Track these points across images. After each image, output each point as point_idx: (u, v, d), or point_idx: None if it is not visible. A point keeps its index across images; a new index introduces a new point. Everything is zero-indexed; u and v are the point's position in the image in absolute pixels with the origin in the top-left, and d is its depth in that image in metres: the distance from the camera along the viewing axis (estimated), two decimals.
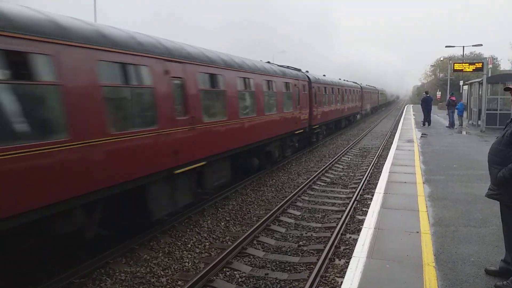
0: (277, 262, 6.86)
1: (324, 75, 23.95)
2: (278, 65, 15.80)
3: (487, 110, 20.37)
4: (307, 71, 19.72)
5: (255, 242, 7.75)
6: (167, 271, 6.58)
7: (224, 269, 6.57)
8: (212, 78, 9.47)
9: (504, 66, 60.30)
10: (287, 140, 15.68)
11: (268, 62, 14.76)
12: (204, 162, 8.75)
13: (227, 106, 10.05)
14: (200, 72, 8.73)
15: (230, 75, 10.29)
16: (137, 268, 6.64)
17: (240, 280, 6.27)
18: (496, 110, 21.24)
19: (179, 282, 6.18)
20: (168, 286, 6.09)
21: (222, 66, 9.84)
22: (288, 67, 17.15)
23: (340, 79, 29.48)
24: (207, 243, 7.79)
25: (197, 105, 8.48)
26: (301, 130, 16.98)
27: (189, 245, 7.65)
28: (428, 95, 25.04)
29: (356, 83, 35.72)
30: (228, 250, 6.97)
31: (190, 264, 6.86)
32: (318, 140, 21.02)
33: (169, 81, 7.54)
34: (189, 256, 7.18)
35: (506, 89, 4.42)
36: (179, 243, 7.73)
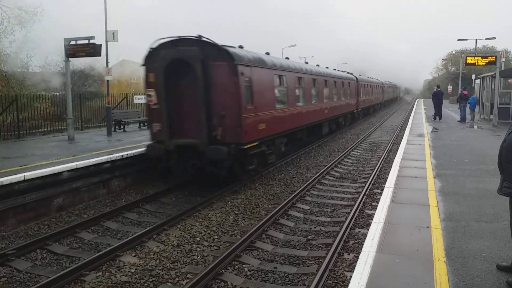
0: (286, 256, 6.86)
1: (359, 75, 33.00)
2: (338, 70, 26.45)
3: (499, 104, 20.05)
4: (350, 73, 29.42)
5: (263, 236, 7.75)
6: (176, 264, 6.61)
7: (233, 263, 6.58)
8: (316, 81, 18.09)
9: None
10: (347, 116, 26.52)
11: (306, 62, 20.13)
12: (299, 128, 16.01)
13: (318, 95, 18.30)
14: (310, 78, 17.27)
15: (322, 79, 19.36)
16: (146, 261, 6.69)
17: (248, 273, 6.27)
18: (509, 104, 20.91)
19: (188, 275, 6.20)
20: (177, 279, 6.12)
21: (320, 75, 19.10)
22: (343, 71, 27.62)
23: (368, 77, 39.31)
24: (216, 237, 7.81)
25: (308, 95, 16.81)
26: (351, 111, 27.34)
27: (198, 238, 7.68)
28: (439, 89, 24.75)
29: (378, 80, 45.09)
30: (237, 243, 6.97)
31: (199, 257, 6.88)
32: (359, 118, 31.84)
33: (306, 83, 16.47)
34: (198, 249, 7.21)
35: None
36: (188, 236, 7.76)
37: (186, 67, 9.84)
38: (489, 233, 5.32)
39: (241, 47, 11.48)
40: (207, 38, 10.14)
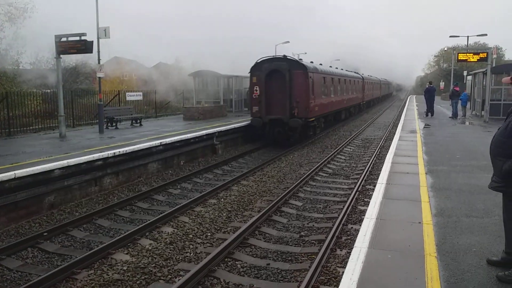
0: (279, 252, 6.87)
1: (367, 74, 42.28)
2: (348, 70, 32.27)
3: (490, 100, 20.19)
4: (357, 72, 36.64)
5: (256, 232, 7.76)
6: (169, 261, 6.60)
7: (226, 259, 6.58)
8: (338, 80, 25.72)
9: (509, 56, 59.69)
10: (356, 107, 33.54)
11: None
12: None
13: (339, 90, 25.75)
14: (334, 78, 24.34)
15: (342, 79, 27.33)
16: (138, 259, 6.66)
17: (241, 270, 6.28)
18: (500, 100, 21.07)
19: (181, 272, 6.19)
20: (170, 276, 6.11)
21: (342, 76, 27.29)
22: (351, 71, 33.91)
23: (369, 75, 45.33)
24: (209, 234, 7.80)
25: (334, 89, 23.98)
26: (358, 103, 34.69)
27: (191, 236, 7.66)
28: (431, 86, 24.85)
29: (377, 77, 52.25)
30: (230, 240, 6.97)
31: (192, 254, 6.87)
32: (365, 109, 39.15)
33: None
34: (191, 246, 7.19)
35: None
36: (181, 234, 7.75)
37: (278, 74, 17.42)
38: (479, 228, 5.36)
39: (311, 62, 20.69)
40: (291, 57, 18.69)
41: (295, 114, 17.25)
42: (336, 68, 30.40)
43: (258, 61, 17.93)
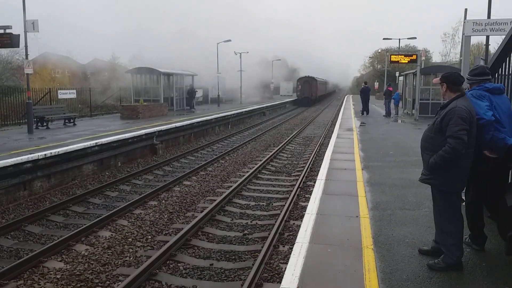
0: (222, 252, 6.82)
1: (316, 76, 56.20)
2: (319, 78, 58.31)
3: (420, 99, 21.57)
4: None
5: (199, 233, 7.64)
6: (107, 266, 6.30)
7: (168, 262, 6.41)
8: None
9: (436, 58, 64.11)
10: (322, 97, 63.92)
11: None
12: None
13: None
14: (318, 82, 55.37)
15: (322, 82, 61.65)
16: (74, 266, 6.30)
17: (184, 272, 6.15)
18: (429, 99, 22.56)
19: (120, 278, 5.94)
20: (108, 282, 5.83)
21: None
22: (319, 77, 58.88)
23: (318, 77, 56.59)
24: (150, 237, 7.56)
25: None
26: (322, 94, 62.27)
27: (130, 239, 7.38)
28: (366, 86, 26.05)
29: (323, 79, 65.45)
30: (171, 242, 6.79)
31: (131, 258, 6.62)
32: (315, 101, 52.68)
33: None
34: (131, 250, 6.92)
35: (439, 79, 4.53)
36: (120, 238, 7.43)
37: (308, 82, 50.68)
38: (412, 220, 5.67)
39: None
40: (313, 76, 51.86)
41: (311, 95, 50.04)
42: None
43: (301, 76, 52.44)
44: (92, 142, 12.17)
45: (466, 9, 29.61)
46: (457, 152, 3.90)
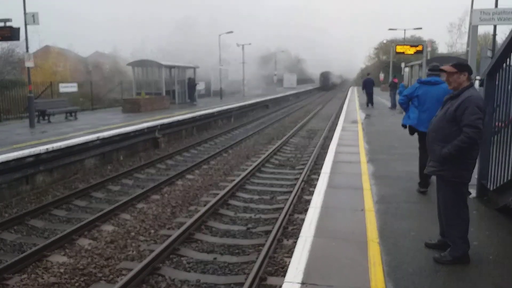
0: (226, 246, 6.77)
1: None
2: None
3: None
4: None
5: (203, 227, 7.59)
6: (110, 261, 6.28)
7: (171, 256, 6.37)
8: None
9: (442, 49, 63.47)
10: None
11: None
12: None
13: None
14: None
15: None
16: (77, 260, 6.28)
17: (187, 266, 6.11)
18: None
19: (124, 272, 5.91)
20: (112, 276, 5.80)
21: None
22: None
23: (329, 71, 71.41)
24: (153, 231, 7.52)
25: None
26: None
27: (133, 233, 7.35)
28: (369, 77, 25.81)
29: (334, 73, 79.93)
30: (175, 236, 6.75)
31: (135, 252, 6.58)
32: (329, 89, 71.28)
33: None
34: (134, 244, 6.89)
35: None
36: (123, 232, 7.40)
37: (326, 75, 73.62)
38: (417, 213, 5.60)
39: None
40: (329, 71, 74.12)
41: (328, 83, 72.40)
42: None
43: (322, 72, 72.70)
44: (94, 136, 12.13)
45: None
46: (474, 142, 3.85)
